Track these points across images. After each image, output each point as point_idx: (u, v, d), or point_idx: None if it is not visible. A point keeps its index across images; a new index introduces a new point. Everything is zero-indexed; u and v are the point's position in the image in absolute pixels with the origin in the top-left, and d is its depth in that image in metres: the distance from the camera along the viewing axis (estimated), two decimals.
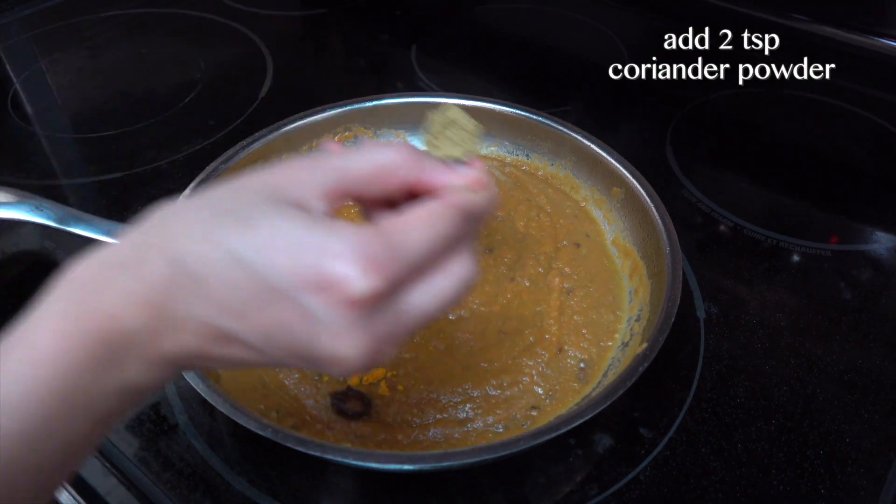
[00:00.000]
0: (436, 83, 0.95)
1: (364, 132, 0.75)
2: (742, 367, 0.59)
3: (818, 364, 0.59)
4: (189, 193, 0.61)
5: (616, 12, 1.13)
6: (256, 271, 0.28)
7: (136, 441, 0.53)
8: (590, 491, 0.50)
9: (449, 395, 0.53)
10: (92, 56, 1.04)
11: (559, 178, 0.73)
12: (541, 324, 0.58)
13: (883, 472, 0.52)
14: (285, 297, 0.28)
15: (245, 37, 1.06)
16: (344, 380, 0.53)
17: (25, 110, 0.92)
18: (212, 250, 0.28)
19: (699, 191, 0.77)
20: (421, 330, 0.33)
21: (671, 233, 0.58)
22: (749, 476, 0.51)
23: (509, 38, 1.11)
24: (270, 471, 0.51)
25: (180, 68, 0.99)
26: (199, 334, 0.29)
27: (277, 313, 0.28)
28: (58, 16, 1.11)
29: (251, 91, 0.93)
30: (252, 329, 0.29)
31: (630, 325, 0.58)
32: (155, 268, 0.28)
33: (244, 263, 0.28)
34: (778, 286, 0.67)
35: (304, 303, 0.28)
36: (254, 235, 0.28)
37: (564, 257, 0.64)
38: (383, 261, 0.28)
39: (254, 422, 0.44)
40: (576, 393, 0.54)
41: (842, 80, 0.96)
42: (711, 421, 0.55)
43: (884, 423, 0.55)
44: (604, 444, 0.53)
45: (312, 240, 0.28)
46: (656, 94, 0.96)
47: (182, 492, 0.50)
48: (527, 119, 0.73)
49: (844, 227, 0.76)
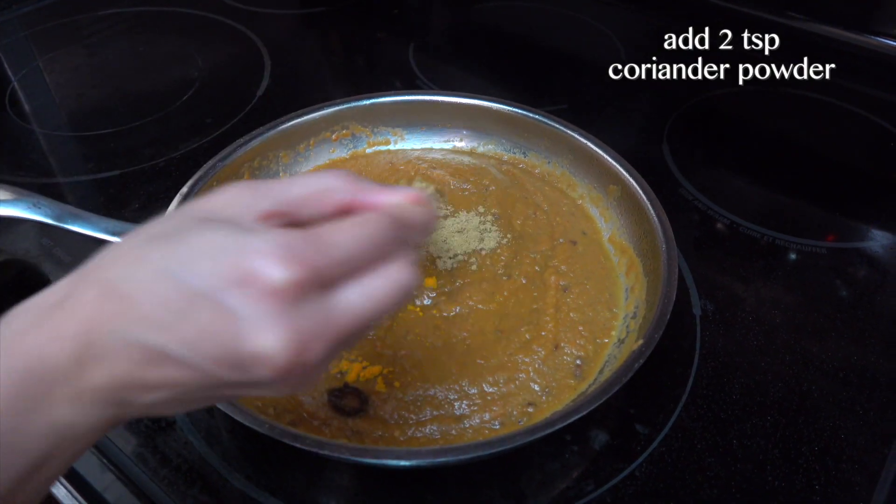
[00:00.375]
0: (433, 81, 0.95)
1: (361, 130, 0.75)
2: (738, 364, 0.59)
3: (813, 361, 0.60)
4: (186, 191, 0.61)
5: (614, 11, 1.14)
6: (180, 280, 0.28)
7: (134, 438, 0.53)
8: (586, 487, 0.50)
9: (445, 392, 0.53)
10: (90, 54, 1.04)
11: (556, 176, 0.73)
12: (537, 321, 0.58)
13: (877, 468, 0.52)
14: (206, 298, 0.27)
15: (243, 35, 1.06)
16: (341, 376, 0.53)
17: (23, 108, 0.92)
18: (140, 269, 0.28)
19: (696, 189, 0.77)
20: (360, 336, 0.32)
21: (667, 230, 0.58)
22: (744, 472, 0.52)
23: (507, 37, 1.11)
24: (268, 467, 0.51)
25: (178, 66, 0.99)
26: (127, 357, 0.28)
27: (200, 317, 0.27)
28: (56, 14, 1.11)
29: (249, 89, 0.93)
30: (177, 339, 0.28)
31: (626, 322, 0.58)
32: (85, 298, 0.29)
33: (170, 275, 0.28)
34: (774, 283, 0.67)
35: (225, 301, 0.27)
36: (182, 249, 0.28)
37: (561, 255, 0.64)
38: (305, 253, 0.28)
39: (251, 418, 0.44)
40: (572, 390, 0.54)
41: (840, 80, 0.96)
42: (707, 417, 0.55)
43: (878, 420, 0.55)
44: (600, 440, 0.53)
45: (235, 241, 0.28)
46: (653, 93, 0.96)
47: (180, 488, 0.50)
48: (524, 117, 0.73)
49: (841, 225, 0.76)
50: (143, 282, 0.28)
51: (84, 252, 0.31)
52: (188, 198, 0.60)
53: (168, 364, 0.28)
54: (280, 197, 0.31)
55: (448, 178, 0.71)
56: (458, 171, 0.73)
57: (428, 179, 0.71)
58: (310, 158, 0.73)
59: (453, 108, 0.75)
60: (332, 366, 0.54)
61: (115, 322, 0.28)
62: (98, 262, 0.30)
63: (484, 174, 0.72)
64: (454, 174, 0.72)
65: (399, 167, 0.73)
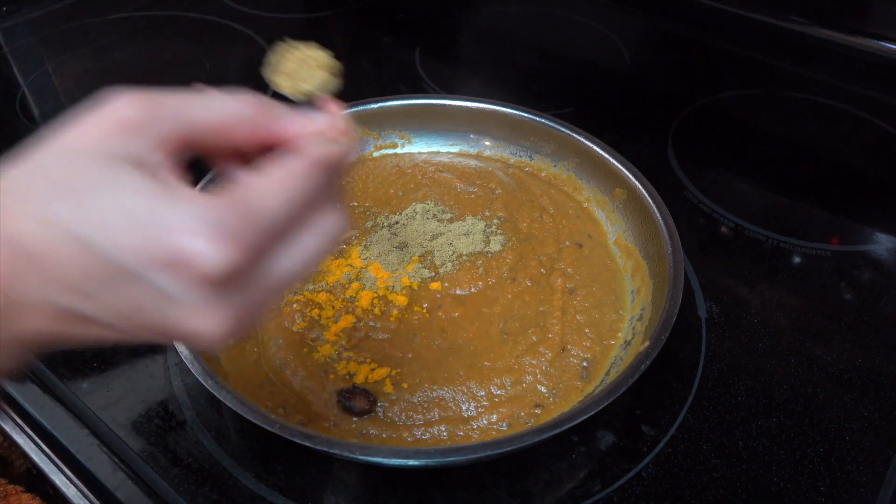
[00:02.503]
0: (439, 85, 0.96)
1: (368, 133, 0.75)
2: (743, 366, 0.60)
3: (818, 363, 0.60)
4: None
5: (620, 15, 1.14)
6: (99, 251, 0.26)
7: (145, 437, 0.53)
8: (592, 487, 0.51)
9: (453, 394, 0.53)
10: (99, 58, 1.05)
11: (562, 180, 0.73)
12: (544, 323, 0.59)
13: (882, 470, 0.52)
14: (134, 276, 0.26)
15: (250, 39, 1.07)
16: (349, 377, 0.54)
17: (33, 112, 0.93)
18: (48, 230, 0.26)
19: (701, 192, 0.78)
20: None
21: (673, 233, 0.59)
22: (750, 473, 0.52)
23: (512, 41, 1.11)
24: (277, 466, 0.52)
25: (186, 70, 1.00)
26: (50, 316, 0.27)
27: (129, 294, 0.26)
28: (64, 18, 1.12)
29: (256, 93, 0.94)
30: (105, 309, 0.27)
31: (632, 324, 0.58)
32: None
33: (84, 242, 0.26)
34: (779, 286, 0.67)
35: (156, 282, 0.26)
36: (91, 211, 0.26)
37: (567, 257, 0.65)
38: (238, 231, 0.26)
39: (262, 418, 0.45)
40: (579, 391, 0.55)
41: (844, 83, 0.97)
42: (713, 419, 0.56)
43: (883, 422, 0.56)
44: (606, 441, 0.54)
45: (157, 213, 0.26)
46: (658, 96, 0.96)
47: (190, 487, 0.50)
48: (530, 121, 0.73)
49: (845, 228, 0.77)
50: (56, 246, 0.26)
51: None
52: None
53: (94, 325, 0.28)
54: (183, 122, 0.29)
55: (455, 181, 0.72)
56: (465, 174, 0.73)
57: (434, 183, 0.72)
58: None
59: (460, 112, 0.75)
60: (340, 367, 0.54)
61: (32, 283, 0.26)
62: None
63: (490, 177, 0.73)
64: (461, 177, 0.72)
65: (406, 171, 0.74)
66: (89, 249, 0.26)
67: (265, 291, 0.29)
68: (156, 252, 0.26)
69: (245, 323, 0.29)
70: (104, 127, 0.28)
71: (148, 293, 0.26)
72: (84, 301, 0.27)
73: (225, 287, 0.27)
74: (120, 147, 0.27)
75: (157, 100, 0.29)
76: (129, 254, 0.26)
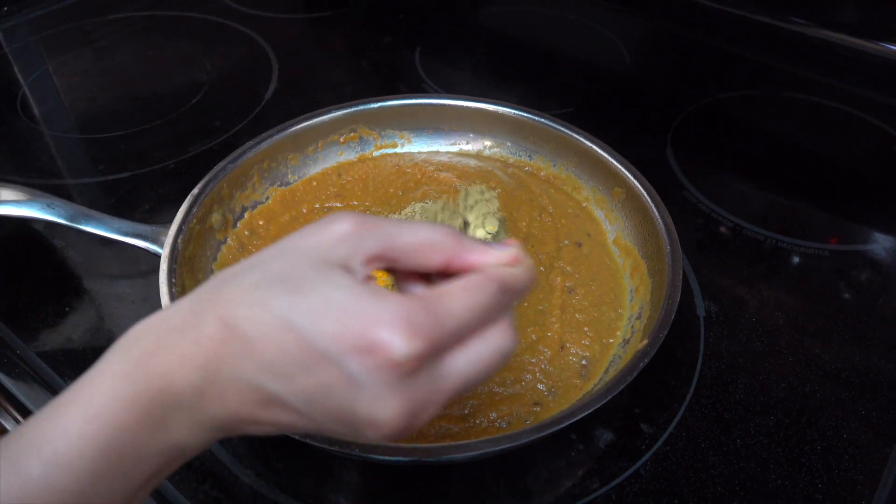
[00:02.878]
0: (440, 85, 0.96)
1: (369, 133, 0.76)
2: (741, 365, 0.60)
3: (816, 362, 0.60)
4: (197, 192, 0.62)
5: (618, 15, 1.14)
6: (305, 336, 0.29)
7: None
8: (591, 485, 0.51)
9: None
10: (99, 58, 1.05)
11: (561, 179, 0.74)
12: (543, 322, 0.59)
13: (879, 468, 0.53)
14: (330, 360, 0.29)
15: (250, 39, 1.07)
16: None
17: (33, 111, 0.93)
18: (264, 314, 0.30)
19: (699, 191, 0.78)
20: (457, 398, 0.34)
21: (672, 232, 0.59)
22: (748, 471, 0.52)
23: (512, 41, 1.12)
24: (278, 464, 0.52)
25: (187, 70, 1.00)
26: (246, 397, 0.30)
27: (321, 376, 0.29)
28: (65, 18, 1.13)
29: (257, 92, 0.94)
30: (296, 392, 0.30)
31: (631, 322, 0.59)
32: (209, 331, 0.30)
33: (294, 328, 0.29)
34: (777, 286, 0.68)
35: (348, 366, 0.29)
36: (304, 302, 0.30)
37: (566, 256, 0.65)
38: (425, 326, 0.29)
39: None
40: (578, 389, 0.55)
41: (842, 83, 0.97)
42: (711, 417, 0.56)
43: (880, 420, 0.56)
44: (605, 439, 0.54)
45: (360, 307, 0.29)
46: (657, 96, 0.97)
47: (190, 485, 0.51)
48: (529, 121, 0.74)
49: (843, 227, 0.77)
50: (266, 328, 0.29)
51: (92, 252, 0.32)
52: (199, 199, 0.61)
53: (282, 409, 0.31)
54: (388, 242, 0.33)
55: (454, 180, 0.72)
56: (465, 173, 0.73)
57: (434, 182, 0.72)
58: (318, 161, 0.74)
59: (459, 112, 0.76)
60: None
61: (236, 363, 0.30)
62: (216, 290, 0.32)
63: (490, 177, 0.73)
64: (460, 177, 0.73)
65: (406, 170, 0.74)
66: (295, 332, 0.29)
67: (438, 391, 0.31)
68: (353, 339, 0.29)
69: (417, 419, 0.30)
70: (325, 237, 0.32)
71: (338, 377, 0.29)
72: (277, 381, 0.30)
73: (407, 377, 0.29)
74: (335, 254, 0.32)
75: (373, 221, 0.33)
76: (330, 339, 0.29)
